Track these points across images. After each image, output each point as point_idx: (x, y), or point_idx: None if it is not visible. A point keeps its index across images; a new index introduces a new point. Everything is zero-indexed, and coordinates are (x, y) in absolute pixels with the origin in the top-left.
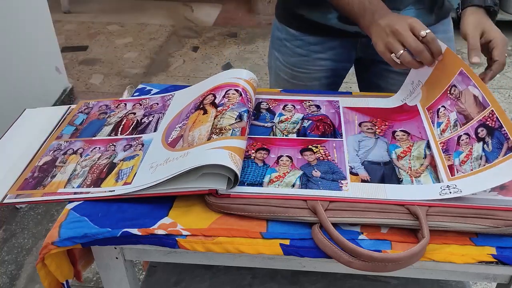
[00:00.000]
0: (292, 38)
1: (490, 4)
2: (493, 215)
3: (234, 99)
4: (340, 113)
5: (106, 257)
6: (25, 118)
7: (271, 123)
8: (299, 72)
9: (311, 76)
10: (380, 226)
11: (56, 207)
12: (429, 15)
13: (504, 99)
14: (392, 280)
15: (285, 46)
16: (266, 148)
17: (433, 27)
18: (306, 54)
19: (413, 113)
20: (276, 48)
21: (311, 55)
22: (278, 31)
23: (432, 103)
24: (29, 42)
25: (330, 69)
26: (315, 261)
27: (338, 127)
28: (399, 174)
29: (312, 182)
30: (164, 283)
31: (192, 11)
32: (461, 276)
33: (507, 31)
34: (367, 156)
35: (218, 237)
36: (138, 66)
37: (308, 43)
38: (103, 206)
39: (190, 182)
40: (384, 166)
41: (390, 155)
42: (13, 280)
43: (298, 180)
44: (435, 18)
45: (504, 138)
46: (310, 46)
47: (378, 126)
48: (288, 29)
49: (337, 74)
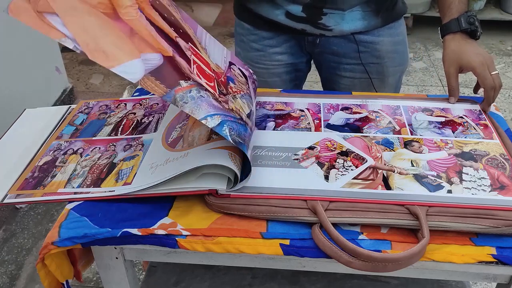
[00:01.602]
0: (247, 32)
1: (466, 27)
2: (493, 215)
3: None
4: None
5: (106, 257)
6: (25, 118)
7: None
8: (258, 67)
9: (270, 72)
10: (380, 226)
11: (56, 207)
12: (376, 18)
13: (504, 99)
14: (392, 280)
15: (243, 41)
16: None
17: (379, 30)
18: (261, 49)
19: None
20: (237, 43)
21: (266, 49)
22: (236, 26)
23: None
24: (29, 42)
25: (288, 63)
26: (315, 261)
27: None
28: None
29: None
30: (164, 283)
31: (192, 11)
32: (461, 276)
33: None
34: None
35: (218, 237)
36: None
37: (262, 37)
38: (103, 206)
39: (190, 182)
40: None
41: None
42: (13, 280)
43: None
44: (381, 20)
45: None
46: (264, 40)
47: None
48: (243, 23)
49: (297, 69)
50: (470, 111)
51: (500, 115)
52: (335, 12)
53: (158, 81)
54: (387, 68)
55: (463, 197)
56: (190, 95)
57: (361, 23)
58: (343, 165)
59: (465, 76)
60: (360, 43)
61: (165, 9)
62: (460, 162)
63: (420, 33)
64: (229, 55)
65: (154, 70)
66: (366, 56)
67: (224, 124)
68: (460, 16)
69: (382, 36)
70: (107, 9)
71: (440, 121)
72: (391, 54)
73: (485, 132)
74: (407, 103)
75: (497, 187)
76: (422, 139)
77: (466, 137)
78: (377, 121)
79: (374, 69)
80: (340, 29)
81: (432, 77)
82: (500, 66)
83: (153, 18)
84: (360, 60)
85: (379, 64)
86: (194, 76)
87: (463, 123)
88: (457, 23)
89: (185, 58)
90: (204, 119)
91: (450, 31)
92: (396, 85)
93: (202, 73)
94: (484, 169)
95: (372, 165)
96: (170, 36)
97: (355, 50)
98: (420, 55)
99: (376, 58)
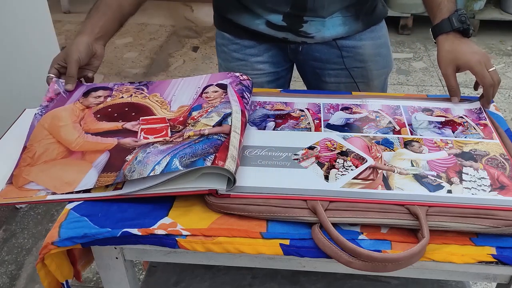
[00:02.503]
0: (229, 42)
1: (458, 26)
2: (493, 215)
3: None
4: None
5: (106, 257)
6: (25, 118)
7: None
8: None
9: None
10: (380, 226)
11: (56, 207)
12: (356, 22)
13: (504, 99)
14: (392, 280)
15: (224, 51)
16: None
17: (361, 34)
18: (243, 58)
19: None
20: (218, 54)
21: (248, 58)
22: (217, 37)
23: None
24: (29, 42)
25: (270, 73)
26: (315, 261)
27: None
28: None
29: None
30: (164, 283)
31: (192, 11)
32: (461, 276)
33: (507, 31)
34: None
35: (218, 237)
36: (138, 66)
37: (244, 46)
38: (103, 206)
39: (190, 182)
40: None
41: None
42: (13, 280)
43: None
44: (362, 25)
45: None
46: (246, 49)
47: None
48: (224, 33)
49: (279, 77)
50: (470, 111)
51: (500, 115)
52: (315, 19)
53: (108, 173)
54: (371, 72)
55: (463, 197)
56: (136, 161)
57: (342, 29)
58: (343, 165)
59: (465, 76)
60: (343, 48)
61: (116, 106)
62: (460, 162)
63: (420, 33)
64: (207, 80)
65: (104, 167)
66: (349, 60)
67: (174, 159)
68: (451, 15)
69: (364, 40)
70: (64, 153)
71: (440, 121)
72: (374, 57)
73: (485, 132)
74: (407, 103)
75: (497, 187)
76: (422, 139)
77: (466, 137)
78: (377, 121)
79: (358, 73)
80: (322, 36)
81: (432, 77)
82: (500, 66)
83: (98, 129)
84: (344, 65)
85: (363, 68)
86: (141, 141)
87: (463, 123)
88: (449, 22)
89: (132, 133)
90: (152, 171)
91: (442, 31)
92: (382, 87)
93: (151, 132)
94: (484, 169)
95: (372, 165)
96: (117, 128)
97: (338, 55)
98: (420, 55)
99: (360, 62)
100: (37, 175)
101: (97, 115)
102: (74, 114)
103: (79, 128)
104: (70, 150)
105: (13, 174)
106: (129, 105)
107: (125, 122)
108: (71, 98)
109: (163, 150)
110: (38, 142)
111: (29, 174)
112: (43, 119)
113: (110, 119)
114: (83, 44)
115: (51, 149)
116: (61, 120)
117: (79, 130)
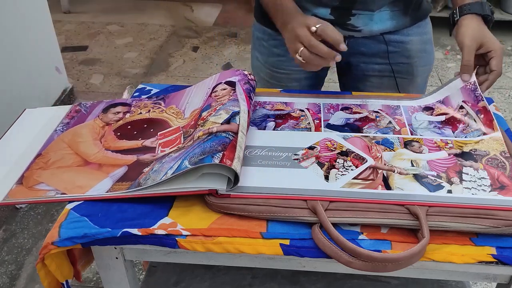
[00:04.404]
0: (269, 37)
1: (488, 13)
2: (493, 215)
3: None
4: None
5: (106, 257)
6: (25, 118)
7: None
8: (278, 72)
9: (290, 77)
10: (380, 226)
11: (56, 207)
12: (404, 17)
13: (504, 99)
14: (392, 280)
15: (263, 45)
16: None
17: (408, 29)
18: (283, 54)
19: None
20: (256, 47)
21: (288, 54)
22: (256, 31)
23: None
24: (29, 42)
25: None
26: (315, 261)
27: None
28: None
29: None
30: (164, 283)
31: (192, 11)
32: (461, 276)
33: (507, 31)
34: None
35: (218, 237)
36: (138, 66)
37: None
38: (103, 206)
39: (190, 182)
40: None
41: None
42: (13, 280)
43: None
44: (410, 20)
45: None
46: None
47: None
48: (265, 28)
49: (317, 75)
50: (466, 88)
51: (500, 115)
52: (364, 13)
53: (124, 182)
54: (416, 68)
55: (463, 197)
56: (152, 171)
57: (390, 23)
58: (343, 165)
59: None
60: (390, 43)
61: (135, 123)
62: (460, 162)
63: None
64: (216, 79)
65: (121, 177)
66: (395, 56)
67: (184, 161)
68: (483, 2)
69: (411, 35)
70: (80, 162)
71: (440, 120)
72: (420, 54)
73: (486, 120)
74: (407, 103)
75: (497, 187)
76: (422, 139)
77: (467, 137)
78: (377, 121)
79: (403, 69)
80: (370, 30)
81: (432, 77)
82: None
83: (118, 147)
84: (388, 60)
85: (408, 64)
86: (158, 155)
87: (464, 115)
88: (481, 6)
89: (151, 150)
90: (164, 175)
91: (473, 11)
92: (423, 86)
93: (167, 144)
94: (484, 169)
95: (372, 165)
96: (136, 146)
97: (384, 50)
98: None
99: (406, 58)
100: (49, 177)
101: (117, 133)
102: (95, 132)
103: (99, 145)
104: (87, 161)
105: (24, 175)
106: (147, 121)
107: (144, 139)
108: (91, 115)
109: (176, 157)
110: (55, 152)
111: (40, 176)
112: (63, 134)
113: (130, 137)
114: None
115: (67, 158)
116: (81, 136)
117: (99, 146)
